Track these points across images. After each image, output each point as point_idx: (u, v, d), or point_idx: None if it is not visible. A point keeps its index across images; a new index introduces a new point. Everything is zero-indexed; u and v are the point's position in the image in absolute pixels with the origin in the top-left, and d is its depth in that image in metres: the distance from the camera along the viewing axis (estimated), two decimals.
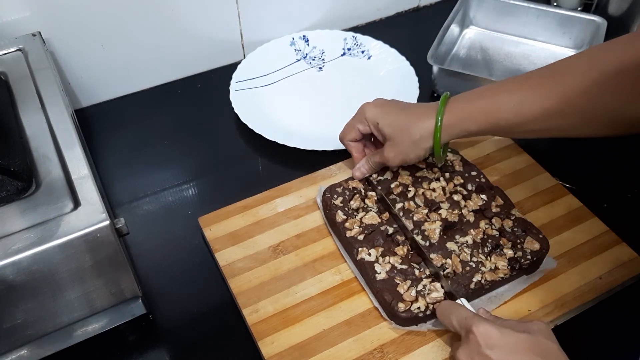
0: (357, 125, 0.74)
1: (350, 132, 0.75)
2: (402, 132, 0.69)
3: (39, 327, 0.59)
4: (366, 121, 0.73)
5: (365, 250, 0.68)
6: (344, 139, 0.77)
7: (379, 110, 0.72)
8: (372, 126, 0.72)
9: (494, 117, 0.65)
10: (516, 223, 0.70)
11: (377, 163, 0.74)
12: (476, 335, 0.54)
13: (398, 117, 0.70)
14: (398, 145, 0.70)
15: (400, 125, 0.70)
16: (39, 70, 0.70)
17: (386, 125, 0.70)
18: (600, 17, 0.95)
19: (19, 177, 0.58)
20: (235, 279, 0.69)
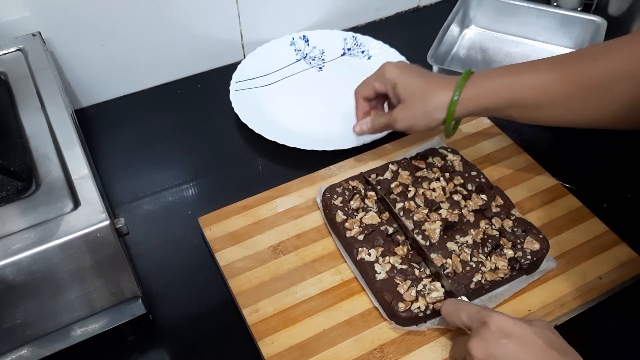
0: (374, 83, 0.74)
1: (365, 88, 0.75)
2: (418, 97, 0.69)
3: (39, 327, 0.59)
4: (385, 80, 0.72)
5: (365, 250, 0.68)
6: (358, 93, 0.76)
7: (399, 71, 0.71)
8: (389, 86, 0.72)
9: (515, 95, 0.65)
10: (516, 223, 0.70)
11: (382, 124, 0.74)
12: (491, 326, 0.53)
13: (417, 81, 0.70)
14: (410, 108, 0.69)
15: (417, 90, 0.69)
16: (39, 70, 0.70)
17: (403, 87, 0.70)
18: (600, 17, 0.95)
19: (19, 177, 0.58)
20: (235, 279, 0.69)
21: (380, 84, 0.73)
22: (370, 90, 0.74)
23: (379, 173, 0.76)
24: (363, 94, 0.76)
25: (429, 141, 0.83)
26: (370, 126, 0.75)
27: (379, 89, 0.74)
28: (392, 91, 0.72)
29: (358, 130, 0.76)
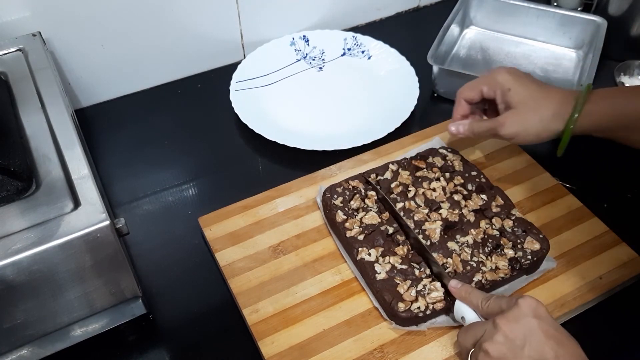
0: (481, 86, 0.70)
1: (470, 90, 0.72)
2: (533, 104, 0.66)
3: (39, 327, 0.59)
4: (495, 85, 0.69)
5: (365, 250, 0.68)
6: (461, 94, 0.73)
7: (513, 77, 0.69)
8: (499, 91, 0.69)
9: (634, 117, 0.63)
10: (516, 223, 0.70)
11: (484, 128, 0.70)
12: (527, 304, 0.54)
13: (532, 88, 0.68)
14: (523, 115, 0.66)
15: (532, 97, 0.66)
16: (39, 70, 0.70)
17: (518, 92, 0.67)
18: (600, 17, 0.95)
19: (19, 177, 0.58)
20: (235, 279, 0.69)
21: (489, 88, 0.70)
22: (476, 92, 0.71)
23: (379, 173, 0.76)
24: (466, 96, 0.72)
25: (429, 141, 0.83)
26: (468, 128, 0.71)
27: (486, 93, 0.70)
28: (502, 96, 0.68)
29: (454, 130, 0.72)
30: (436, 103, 0.93)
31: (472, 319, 0.60)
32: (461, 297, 0.61)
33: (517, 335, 0.52)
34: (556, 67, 0.97)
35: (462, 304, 0.61)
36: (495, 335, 0.53)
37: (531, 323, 0.53)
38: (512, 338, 0.52)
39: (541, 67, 0.97)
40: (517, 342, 0.52)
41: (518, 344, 0.52)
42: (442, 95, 0.93)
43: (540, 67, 0.97)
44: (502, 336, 0.53)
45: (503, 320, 0.54)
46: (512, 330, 0.53)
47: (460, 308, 0.61)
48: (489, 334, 0.54)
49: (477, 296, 0.60)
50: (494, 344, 0.53)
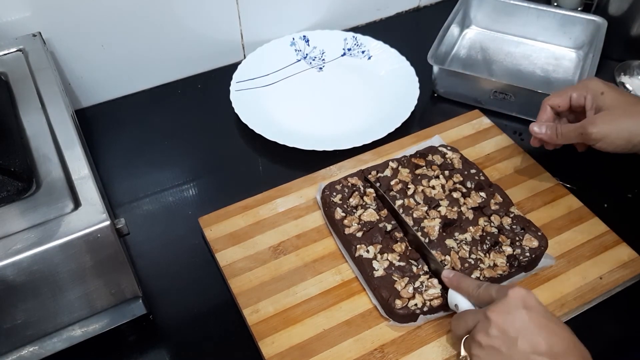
0: (571, 92, 0.70)
1: (558, 97, 0.71)
2: (628, 107, 0.65)
3: (39, 327, 0.59)
4: (586, 90, 0.69)
5: (363, 247, 0.68)
6: (548, 100, 0.72)
7: (605, 84, 0.69)
8: (590, 95, 0.68)
9: None
10: (515, 221, 0.70)
11: (572, 128, 0.69)
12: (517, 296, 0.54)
13: (626, 94, 0.68)
14: (616, 116, 0.66)
15: (627, 101, 0.66)
16: (39, 71, 0.70)
17: (611, 96, 0.67)
18: (601, 17, 0.95)
19: (19, 177, 0.58)
20: (235, 279, 0.69)
21: (578, 94, 0.69)
22: (564, 98, 0.70)
23: (379, 170, 0.76)
24: (553, 102, 0.72)
25: (428, 140, 0.83)
26: (551, 132, 0.70)
27: (575, 99, 0.70)
28: (594, 101, 0.68)
29: (537, 129, 0.71)
30: (436, 103, 0.93)
31: (465, 306, 0.60)
32: (453, 286, 0.62)
33: (509, 328, 0.53)
34: (556, 67, 0.97)
35: (455, 292, 0.62)
36: (489, 329, 0.54)
37: (522, 315, 0.53)
38: (504, 330, 0.53)
39: (541, 67, 0.97)
40: (510, 335, 0.53)
41: (511, 337, 0.53)
42: (442, 95, 0.93)
43: (540, 67, 0.97)
44: (494, 329, 0.53)
45: (494, 313, 0.54)
46: (504, 323, 0.53)
47: (453, 296, 0.62)
48: (482, 326, 0.55)
49: (468, 284, 0.60)
50: (487, 337, 0.54)
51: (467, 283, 0.61)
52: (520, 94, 0.87)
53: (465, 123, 0.87)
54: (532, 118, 0.88)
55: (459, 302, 0.61)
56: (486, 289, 0.58)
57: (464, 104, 0.92)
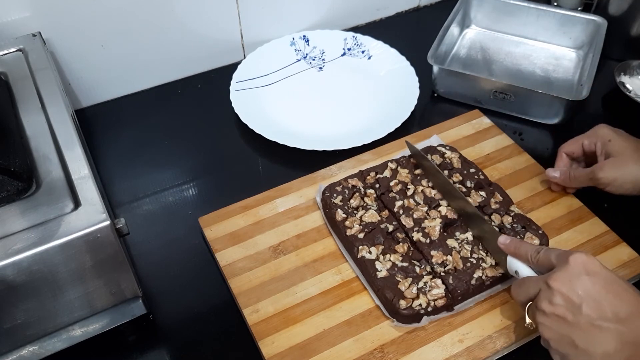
0: (582, 140, 0.75)
1: (572, 144, 0.76)
2: (634, 153, 0.70)
3: (39, 327, 0.59)
4: (596, 137, 0.73)
5: (365, 248, 0.68)
6: (563, 148, 0.77)
7: (614, 131, 0.73)
8: (600, 142, 0.73)
9: None
10: (515, 219, 0.70)
11: (583, 172, 0.73)
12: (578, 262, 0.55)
13: (632, 140, 0.72)
14: (623, 162, 0.70)
15: (633, 147, 0.70)
16: (39, 71, 0.70)
17: (618, 143, 0.71)
18: (601, 17, 0.95)
19: (19, 177, 0.58)
20: (235, 279, 0.69)
21: (589, 141, 0.74)
22: (577, 146, 0.75)
23: (378, 171, 0.76)
24: (567, 149, 0.76)
25: (427, 140, 0.83)
26: (564, 177, 0.75)
27: (587, 146, 0.74)
28: (603, 147, 0.72)
29: (552, 174, 0.76)
30: (436, 103, 0.93)
31: (525, 273, 0.61)
32: (511, 252, 0.63)
33: (572, 296, 0.53)
34: (556, 67, 0.97)
35: (514, 259, 0.62)
36: (552, 297, 0.54)
37: (585, 281, 0.54)
38: (568, 298, 0.53)
39: (541, 67, 0.97)
40: (575, 302, 0.53)
41: (575, 304, 0.53)
42: (442, 95, 0.93)
43: (540, 67, 0.97)
44: (558, 297, 0.54)
45: (557, 282, 0.55)
46: (568, 291, 0.54)
47: (513, 262, 0.63)
48: (545, 295, 0.55)
49: (527, 249, 0.61)
50: (551, 305, 0.54)
51: (525, 248, 0.61)
52: (520, 94, 0.87)
53: (465, 123, 0.87)
54: (532, 118, 0.89)
55: (519, 269, 0.62)
56: (545, 254, 0.59)
57: (464, 103, 0.92)
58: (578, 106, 0.85)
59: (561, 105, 0.85)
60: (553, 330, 0.54)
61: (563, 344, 0.54)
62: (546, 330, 0.55)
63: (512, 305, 0.66)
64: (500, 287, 0.67)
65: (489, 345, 0.63)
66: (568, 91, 0.92)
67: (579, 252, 0.56)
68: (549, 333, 0.55)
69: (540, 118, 0.88)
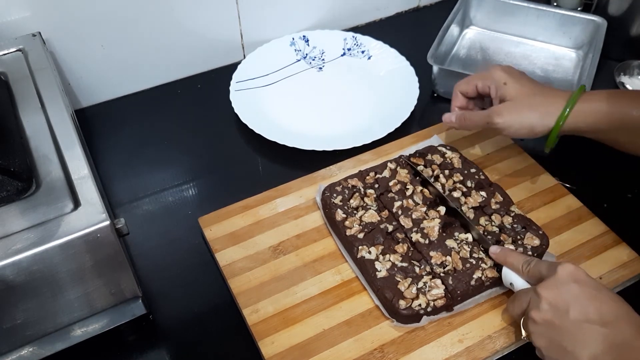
0: (476, 81, 0.73)
1: (466, 84, 0.74)
2: (528, 99, 0.68)
3: (39, 327, 0.59)
4: (490, 80, 0.71)
5: (365, 248, 0.68)
6: (457, 87, 0.75)
7: (508, 73, 0.71)
8: (494, 86, 0.71)
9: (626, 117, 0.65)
10: (516, 219, 0.70)
11: (478, 116, 0.72)
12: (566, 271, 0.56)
13: (527, 84, 0.70)
14: (517, 107, 0.68)
15: (527, 92, 0.69)
16: (39, 71, 0.70)
17: (513, 87, 0.69)
18: (600, 17, 0.95)
19: (19, 177, 0.58)
20: (235, 279, 0.69)
21: (482, 83, 0.72)
22: (471, 87, 0.73)
23: (377, 171, 0.76)
24: (462, 89, 0.75)
25: (427, 140, 0.83)
26: (460, 115, 0.73)
27: (481, 88, 0.73)
28: (497, 91, 0.71)
29: (447, 118, 0.74)
30: (436, 103, 0.93)
31: (520, 285, 0.62)
32: (501, 262, 0.63)
33: (559, 301, 0.55)
34: (556, 67, 0.97)
35: (509, 270, 0.63)
36: (540, 304, 0.55)
37: (572, 288, 0.55)
38: (555, 304, 0.55)
39: (541, 67, 0.97)
40: (561, 308, 0.54)
41: (562, 309, 0.54)
42: (442, 95, 0.93)
43: (540, 67, 0.97)
44: (545, 304, 0.55)
45: (544, 289, 0.56)
46: (555, 297, 0.55)
47: (508, 274, 0.63)
48: (534, 303, 0.56)
49: (517, 260, 0.62)
50: (539, 312, 0.55)
51: (515, 258, 0.62)
52: None
53: None
54: None
55: (514, 281, 0.62)
56: (535, 266, 0.60)
57: None
58: None
59: None
60: (543, 337, 0.56)
61: (553, 349, 0.55)
62: (537, 338, 0.56)
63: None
64: (499, 290, 0.67)
65: (488, 346, 0.63)
66: None
67: (567, 263, 0.57)
68: (540, 341, 0.56)
69: None
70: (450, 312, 0.65)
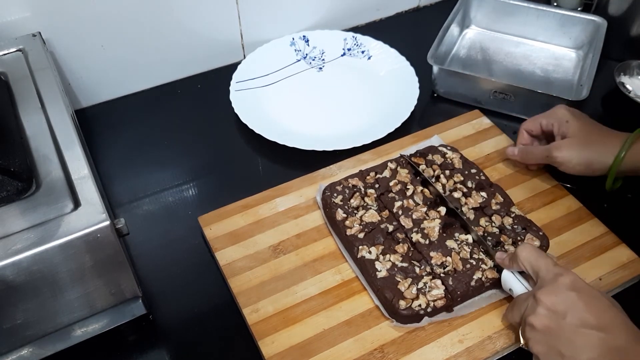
0: (541, 119, 0.77)
1: (531, 122, 0.78)
2: (589, 136, 0.72)
3: (39, 328, 0.59)
4: (554, 118, 0.75)
5: (365, 248, 0.68)
6: (523, 126, 0.79)
7: (571, 112, 0.75)
8: (557, 123, 0.74)
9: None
10: (516, 220, 0.70)
11: (539, 150, 0.75)
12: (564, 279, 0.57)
13: (589, 123, 0.74)
14: (578, 144, 0.72)
15: (588, 130, 0.73)
16: (39, 71, 0.70)
17: (574, 124, 0.73)
18: (600, 17, 0.95)
19: (19, 177, 0.58)
20: (235, 278, 0.69)
21: (547, 121, 0.76)
22: (535, 124, 0.77)
23: (378, 171, 0.76)
24: (527, 127, 0.79)
25: (427, 140, 0.83)
26: (523, 149, 0.77)
27: (545, 125, 0.76)
28: (559, 127, 0.74)
29: (510, 152, 0.79)
30: (436, 103, 0.93)
31: (519, 290, 0.62)
32: (507, 266, 0.64)
33: (557, 307, 0.55)
34: (556, 67, 0.97)
35: (509, 276, 0.64)
36: (537, 309, 0.56)
37: (570, 295, 0.56)
38: (553, 310, 0.55)
39: (541, 67, 0.97)
40: (559, 313, 0.55)
41: (560, 314, 0.55)
42: (442, 95, 0.93)
43: (540, 67, 0.97)
44: (543, 309, 0.56)
45: (543, 295, 0.56)
46: (553, 303, 0.56)
47: (507, 280, 0.63)
48: (532, 309, 0.57)
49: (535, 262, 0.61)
50: (537, 317, 0.56)
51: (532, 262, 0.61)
52: (520, 94, 0.87)
53: (465, 123, 0.87)
54: None
55: (513, 287, 0.62)
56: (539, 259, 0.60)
57: (464, 104, 0.92)
58: (578, 106, 0.85)
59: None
60: (541, 343, 0.56)
61: (551, 355, 0.55)
62: (535, 344, 0.56)
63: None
64: (499, 294, 0.67)
65: (488, 346, 0.63)
66: (568, 91, 0.92)
67: (568, 272, 0.58)
68: (538, 347, 0.56)
69: None
70: (450, 314, 0.65)
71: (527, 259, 0.61)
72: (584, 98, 0.83)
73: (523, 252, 0.61)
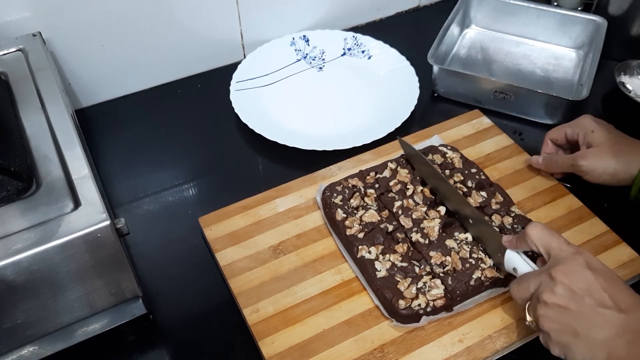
0: (566, 129, 0.77)
1: (556, 131, 0.78)
2: (614, 146, 0.72)
3: (39, 327, 0.59)
4: (579, 127, 0.75)
5: (365, 248, 0.68)
6: (548, 135, 0.80)
7: (597, 122, 0.75)
8: (582, 132, 0.75)
9: None
10: (516, 220, 0.70)
11: (564, 159, 0.76)
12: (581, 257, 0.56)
13: (614, 133, 0.74)
14: (603, 153, 0.72)
15: (613, 140, 0.73)
16: (39, 70, 0.70)
17: (600, 134, 0.73)
18: (601, 17, 0.95)
19: (19, 177, 0.58)
20: (235, 279, 0.69)
21: (572, 130, 0.76)
22: (560, 133, 0.77)
23: (378, 171, 0.76)
24: (552, 136, 0.79)
25: (427, 140, 0.83)
26: (549, 159, 0.77)
27: (570, 135, 0.76)
28: (585, 137, 0.74)
29: (534, 160, 0.79)
30: (436, 103, 0.93)
31: (523, 269, 0.61)
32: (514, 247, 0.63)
33: (575, 286, 0.54)
34: (556, 67, 0.97)
35: (513, 255, 0.63)
36: (555, 287, 0.55)
37: (587, 275, 0.55)
38: (571, 288, 0.54)
39: (541, 67, 0.97)
40: (577, 292, 0.54)
41: (578, 294, 0.54)
42: (442, 95, 0.93)
43: (540, 67, 0.97)
44: (560, 287, 0.55)
45: (560, 273, 0.55)
46: (571, 282, 0.55)
47: (511, 259, 0.63)
48: (547, 286, 0.56)
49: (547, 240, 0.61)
50: (553, 295, 0.55)
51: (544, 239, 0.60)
52: (520, 93, 0.87)
53: (465, 123, 0.87)
54: (532, 118, 0.89)
55: (517, 266, 0.62)
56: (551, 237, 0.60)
57: (464, 103, 0.92)
58: (578, 106, 0.85)
59: (561, 105, 0.85)
60: (554, 321, 0.55)
61: (564, 333, 0.54)
62: (547, 322, 0.55)
63: (512, 305, 0.66)
64: (499, 290, 0.67)
65: (489, 345, 0.63)
66: (568, 91, 0.92)
67: (582, 250, 0.57)
68: (550, 324, 0.55)
69: (540, 118, 0.88)
70: (450, 313, 0.65)
71: (539, 238, 0.60)
72: (584, 98, 0.83)
73: (533, 231, 0.61)
